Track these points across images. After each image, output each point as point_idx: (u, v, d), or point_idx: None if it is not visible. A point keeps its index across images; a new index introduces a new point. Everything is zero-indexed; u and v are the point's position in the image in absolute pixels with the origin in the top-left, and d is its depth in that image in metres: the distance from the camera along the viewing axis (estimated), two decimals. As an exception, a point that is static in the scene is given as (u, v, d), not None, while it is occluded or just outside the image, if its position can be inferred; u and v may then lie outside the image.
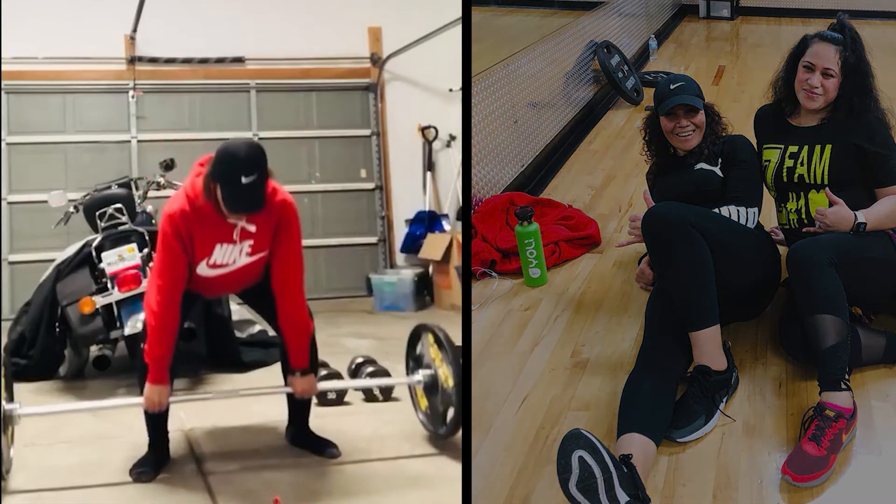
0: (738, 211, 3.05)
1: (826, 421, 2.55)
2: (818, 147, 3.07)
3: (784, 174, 3.12)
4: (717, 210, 3.04)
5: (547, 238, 3.91)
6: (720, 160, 3.20)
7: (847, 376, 2.66)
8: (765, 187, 3.20)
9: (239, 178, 2.83)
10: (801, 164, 3.08)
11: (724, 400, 2.80)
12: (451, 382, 3.16)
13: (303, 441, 3.40)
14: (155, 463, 3.18)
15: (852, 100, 3.04)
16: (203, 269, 3.08)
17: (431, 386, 3.32)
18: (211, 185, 2.90)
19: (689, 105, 3.16)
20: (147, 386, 3.07)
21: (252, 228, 3.03)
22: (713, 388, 2.76)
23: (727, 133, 3.27)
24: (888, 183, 3.01)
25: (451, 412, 3.20)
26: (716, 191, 3.15)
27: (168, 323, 3.05)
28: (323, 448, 3.33)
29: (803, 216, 3.10)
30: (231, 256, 3.07)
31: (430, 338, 3.31)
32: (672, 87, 3.20)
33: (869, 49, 3.10)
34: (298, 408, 3.40)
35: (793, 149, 3.12)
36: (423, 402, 3.39)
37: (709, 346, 2.80)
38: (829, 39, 3.04)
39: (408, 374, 3.50)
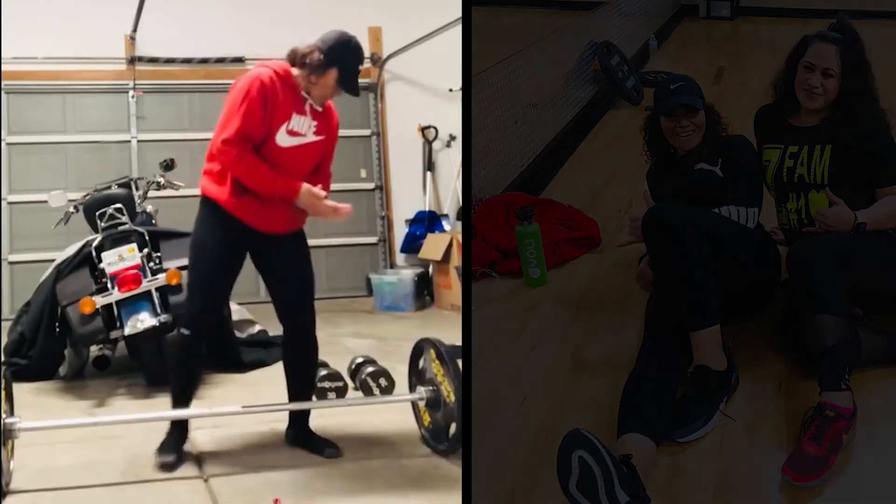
0: (738, 211, 3.04)
1: (826, 421, 2.55)
2: (818, 147, 3.06)
3: (784, 174, 3.12)
4: (717, 210, 3.03)
5: (547, 238, 3.90)
6: (720, 160, 3.19)
7: (847, 376, 2.65)
8: (765, 187, 3.20)
9: (358, 64, 3.30)
10: (801, 164, 3.08)
11: (724, 400, 2.80)
12: (453, 398, 3.16)
13: (303, 441, 3.41)
14: (175, 444, 3.28)
15: (852, 100, 3.04)
16: (282, 136, 3.21)
17: (434, 402, 3.31)
18: (326, 68, 3.20)
19: (690, 105, 3.15)
20: (298, 193, 3.20)
21: (319, 108, 3.30)
22: (713, 388, 2.76)
23: (727, 133, 3.26)
24: (888, 183, 3.01)
25: (453, 428, 3.20)
26: (716, 191, 3.14)
27: (253, 160, 3.14)
28: (323, 448, 3.33)
29: (803, 216, 3.10)
30: (304, 126, 3.27)
31: (433, 353, 3.31)
32: (672, 87, 3.19)
33: (869, 49, 3.09)
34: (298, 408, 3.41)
35: (793, 149, 3.11)
36: (426, 418, 3.38)
37: (709, 347, 2.80)
38: (829, 39, 3.04)
39: (411, 389, 3.50)
